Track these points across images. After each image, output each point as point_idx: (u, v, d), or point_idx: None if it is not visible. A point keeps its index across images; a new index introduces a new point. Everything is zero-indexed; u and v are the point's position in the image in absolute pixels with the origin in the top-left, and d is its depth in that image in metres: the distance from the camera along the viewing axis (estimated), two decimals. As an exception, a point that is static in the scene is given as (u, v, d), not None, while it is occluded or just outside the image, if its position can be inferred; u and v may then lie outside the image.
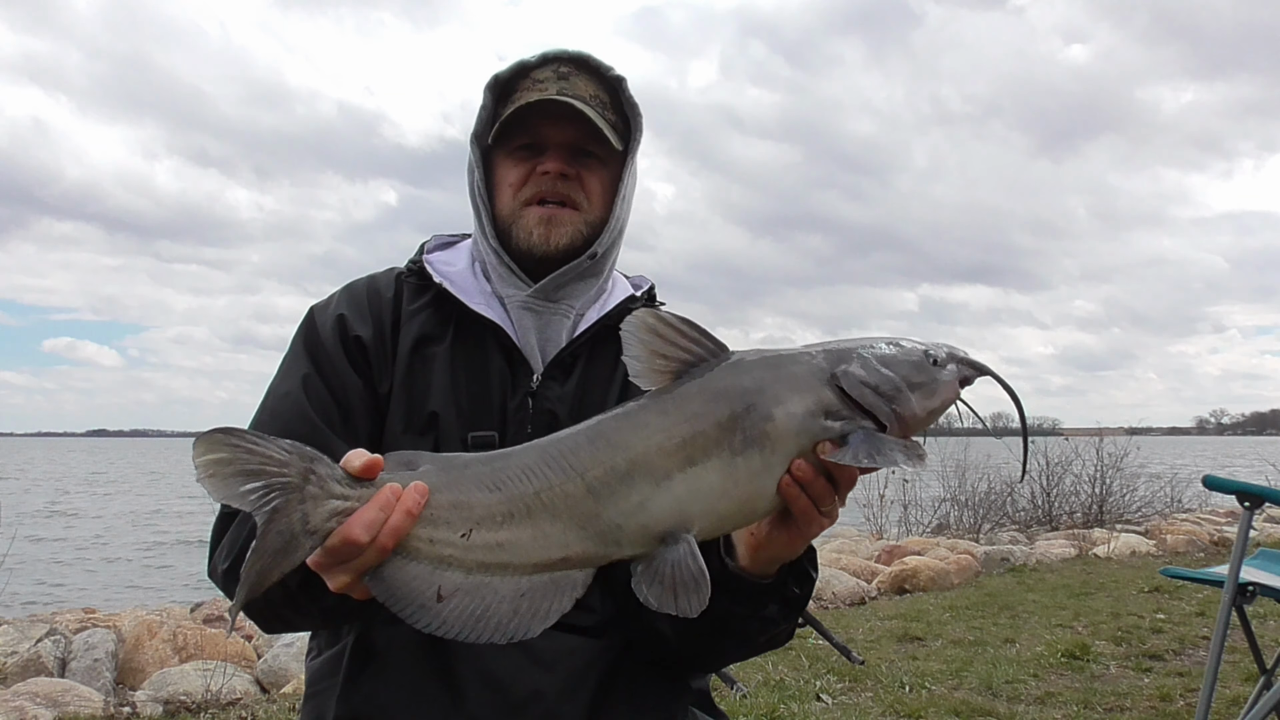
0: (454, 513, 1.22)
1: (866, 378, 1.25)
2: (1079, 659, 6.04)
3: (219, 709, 5.06)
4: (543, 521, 1.21)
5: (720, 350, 1.27)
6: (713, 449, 1.21)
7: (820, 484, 1.24)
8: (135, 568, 15.54)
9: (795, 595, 1.48)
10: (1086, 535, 11.66)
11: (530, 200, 1.63)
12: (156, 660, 5.60)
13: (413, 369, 1.59)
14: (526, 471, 1.23)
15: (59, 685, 5.01)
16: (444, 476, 1.24)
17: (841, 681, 5.51)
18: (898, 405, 1.25)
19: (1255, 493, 3.95)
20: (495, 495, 1.22)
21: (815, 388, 1.24)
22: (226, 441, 1.15)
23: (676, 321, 1.24)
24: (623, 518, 1.21)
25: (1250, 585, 3.97)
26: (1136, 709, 5.08)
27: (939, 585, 8.72)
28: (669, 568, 1.19)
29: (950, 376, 1.29)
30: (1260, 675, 4.29)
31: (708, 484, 1.21)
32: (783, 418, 1.23)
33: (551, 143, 1.62)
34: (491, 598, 1.20)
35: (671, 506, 1.21)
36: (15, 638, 5.54)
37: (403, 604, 1.18)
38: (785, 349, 1.31)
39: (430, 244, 1.77)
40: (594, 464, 1.22)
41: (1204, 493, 13.40)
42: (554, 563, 1.22)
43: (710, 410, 1.22)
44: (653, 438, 1.22)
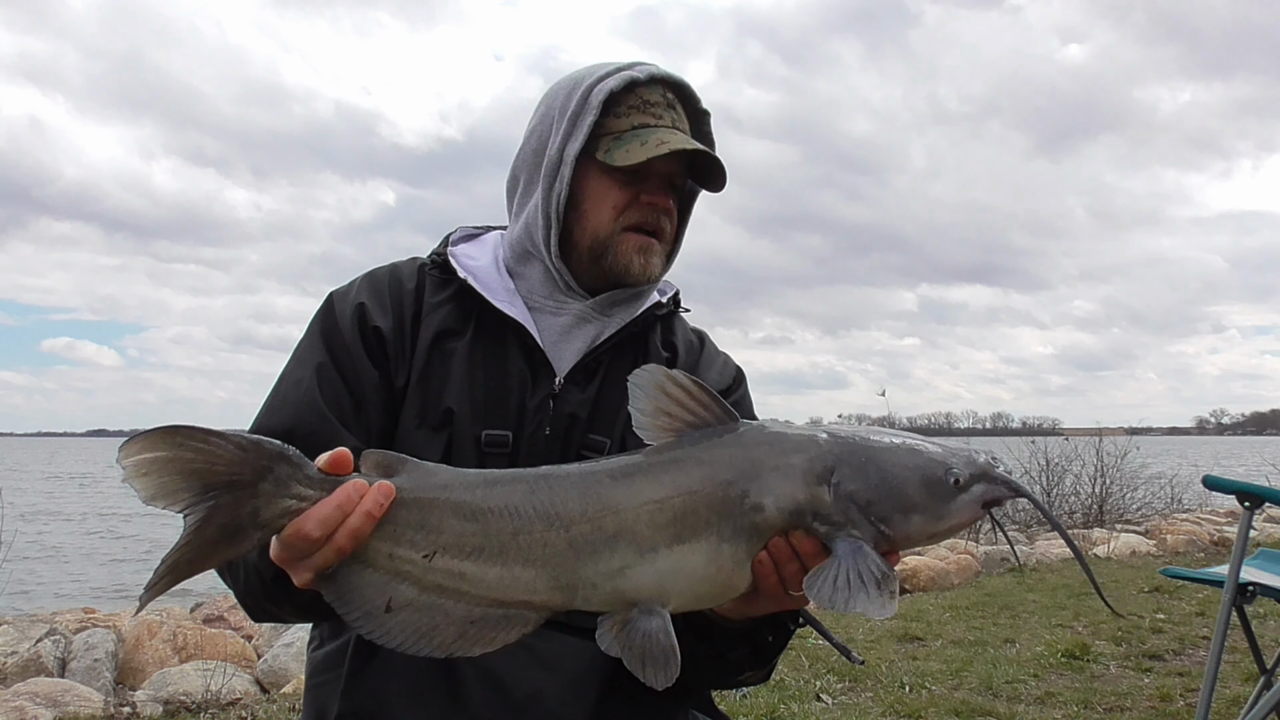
0: (420, 534, 1.19)
1: (860, 491, 1.19)
2: (1079, 659, 6.04)
3: (219, 709, 5.06)
4: (514, 564, 1.19)
5: (728, 418, 1.25)
6: (702, 531, 1.19)
7: (793, 568, 1.21)
8: (135, 567, 15.54)
9: (767, 644, 1.46)
10: (1086, 535, 11.66)
11: (630, 226, 1.62)
12: (156, 660, 5.60)
13: (431, 363, 1.57)
14: (510, 510, 1.20)
15: (59, 685, 5.01)
16: (418, 493, 1.21)
17: (841, 681, 5.51)
18: (890, 527, 1.20)
19: (1255, 493, 3.95)
20: (469, 526, 1.20)
21: (809, 485, 1.20)
22: (169, 440, 1.11)
23: (687, 383, 1.23)
24: (600, 579, 1.20)
25: (1250, 585, 3.97)
26: (1136, 709, 5.08)
27: (939, 585, 8.72)
28: (640, 637, 1.18)
29: (970, 501, 1.21)
30: (1260, 675, 4.29)
31: (691, 565, 1.20)
32: (772, 511, 1.20)
33: (658, 173, 1.62)
34: (441, 619, 1.19)
35: (652, 580, 1.20)
36: (15, 638, 5.54)
37: (349, 609, 1.18)
38: (793, 430, 1.26)
39: (455, 235, 1.75)
40: (581, 520, 1.20)
41: (1204, 493, 13.39)
42: (515, 603, 1.21)
43: (705, 489, 1.20)
44: (644, 507, 1.19)
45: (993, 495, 1.22)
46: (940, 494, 1.20)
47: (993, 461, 1.24)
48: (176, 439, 1.11)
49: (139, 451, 1.10)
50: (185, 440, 1.11)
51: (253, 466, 1.15)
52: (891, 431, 1.28)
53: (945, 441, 1.28)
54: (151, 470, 1.11)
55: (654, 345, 1.70)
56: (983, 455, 1.24)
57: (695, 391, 1.23)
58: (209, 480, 1.13)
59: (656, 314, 1.70)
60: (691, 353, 1.74)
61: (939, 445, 1.26)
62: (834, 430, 1.26)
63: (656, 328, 1.72)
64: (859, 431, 1.26)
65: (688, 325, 1.80)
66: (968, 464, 1.22)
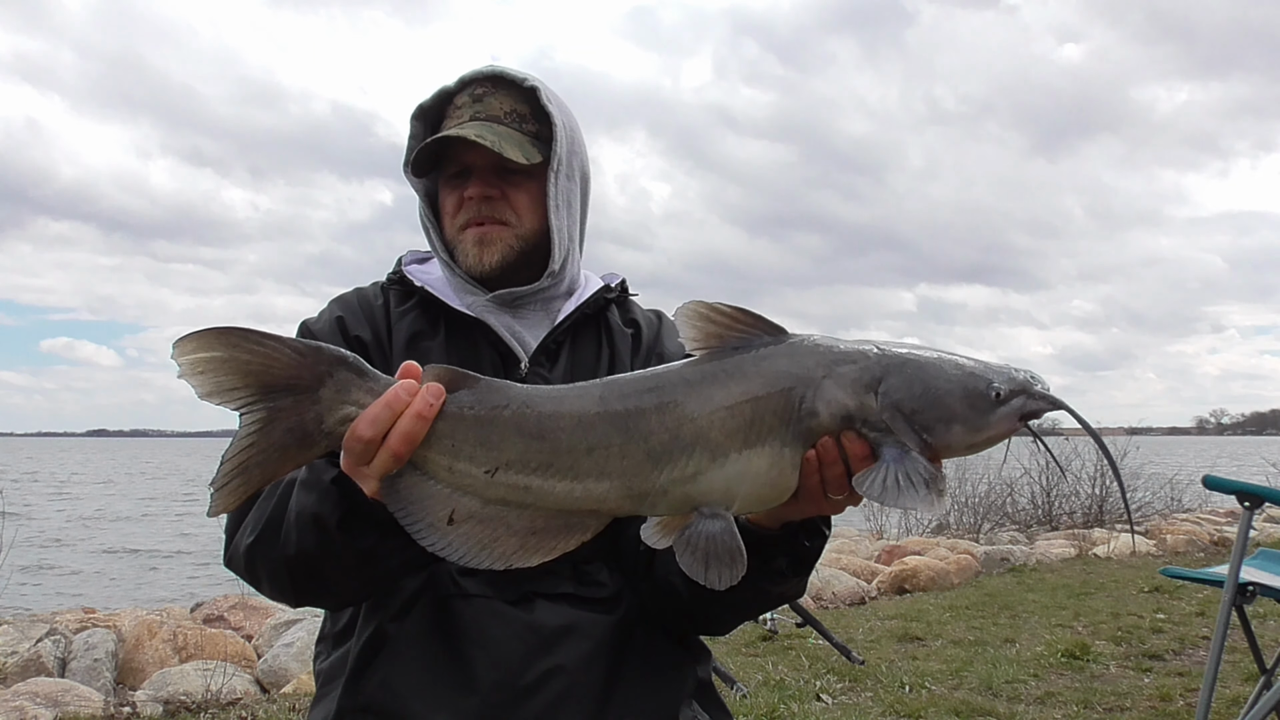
0: (481, 450, 1.21)
1: (906, 401, 1.24)
2: (1079, 659, 6.04)
3: (219, 709, 5.06)
4: (587, 478, 1.21)
5: (778, 331, 1.27)
6: (767, 435, 1.22)
7: (837, 471, 1.24)
8: (134, 567, 15.55)
9: (805, 549, 1.48)
10: (1086, 535, 11.67)
11: (465, 225, 1.70)
12: (156, 660, 5.60)
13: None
14: (582, 425, 1.22)
15: (59, 685, 5.01)
16: (479, 410, 1.22)
17: (841, 681, 5.51)
18: (933, 436, 1.24)
19: (1255, 493, 3.95)
20: (534, 444, 1.21)
21: (859, 393, 1.23)
22: (224, 340, 1.14)
23: (730, 309, 1.26)
24: (672, 485, 1.22)
25: (1250, 585, 3.97)
26: (1136, 709, 5.08)
27: (939, 585, 8.72)
28: (704, 539, 1.21)
29: (1009, 413, 1.25)
30: (1260, 675, 4.29)
31: (756, 468, 1.22)
32: (825, 417, 1.23)
33: (475, 167, 1.69)
34: (502, 530, 1.21)
35: (721, 484, 1.22)
36: (15, 638, 5.54)
37: (412, 520, 1.20)
38: (843, 342, 1.29)
39: (407, 257, 1.85)
40: (660, 429, 1.21)
41: (1204, 493, 13.39)
42: (581, 511, 1.23)
43: (770, 394, 1.22)
44: (717, 413, 1.22)
45: (1031, 408, 1.26)
46: (981, 406, 1.24)
47: (1032, 378, 1.28)
48: (232, 339, 1.14)
49: (194, 350, 1.13)
50: (240, 341, 1.14)
51: (312, 371, 1.18)
52: (937, 349, 1.32)
53: (987, 359, 1.32)
54: (207, 369, 1.14)
55: (614, 322, 1.78)
56: (1023, 372, 1.28)
57: (740, 314, 1.26)
58: (266, 381, 1.16)
59: (606, 297, 1.78)
60: (651, 327, 1.81)
61: (981, 361, 1.30)
62: (882, 344, 1.29)
63: (612, 308, 1.79)
64: (906, 345, 1.30)
65: (642, 308, 1.87)
66: (1008, 379, 1.26)
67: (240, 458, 1.17)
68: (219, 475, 1.17)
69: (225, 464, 1.17)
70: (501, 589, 1.55)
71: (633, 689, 1.55)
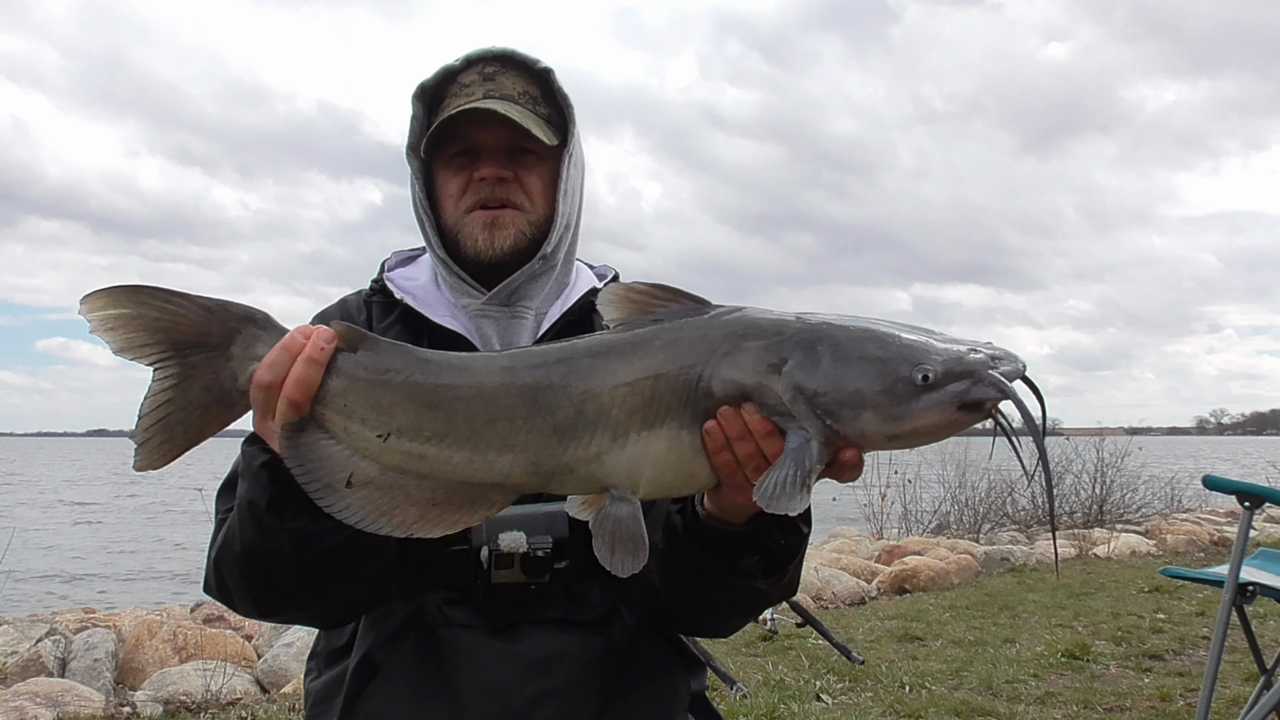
0: (372, 413, 1.17)
1: (809, 382, 1.12)
2: (1079, 659, 6.04)
3: (219, 709, 5.06)
4: (488, 450, 1.17)
5: (700, 304, 1.21)
6: (666, 416, 1.17)
7: (749, 448, 1.16)
8: (135, 567, 15.54)
9: (779, 547, 1.40)
10: (1086, 535, 11.67)
11: (472, 207, 1.62)
12: (156, 660, 5.60)
13: None
14: (483, 395, 1.17)
15: (59, 685, 5.01)
16: (371, 373, 1.19)
17: (841, 681, 5.51)
18: (839, 423, 1.12)
19: (1255, 493, 3.95)
20: (429, 412, 1.17)
21: (760, 372, 1.15)
22: (133, 297, 1.15)
23: (647, 286, 1.21)
24: (578, 464, 1.18)
25: (1250, 585, 3.97)
26: (1136, 709, 5.08)
27: (939, 585, 8.72)
28: (611, 523, 1.17)
29: (940, 401, 1.11)
30: (1260, 675, 4.29)
31: (655, 451, 1.17)
32: (721, 397, 1.16)
33: (485, 148, 1.61)
34: (401, 498, 1.18)
35: (624, 466, 1.18)
36: (15, 638, 5.54)
37: (310, 479, 1.17)
38: (763, 315, 1.19)
39: (391, 261, 1.77)
40: (566, 404, 1.17)
41: (1204, 493, 13.40)
42: (483, 485, 1.19)
43: (669, 371, 1.16)
44: (619, 390, 1.16)
45: (974, 397, 1.10)
46: (899, 391, 1.10)
47: (993, 361, 1.12)
48: (140, 296, 1.15)
49: (103, 307, 1.15)
50: (148, 298, 1.16)
51: (221, 327, 1.19)
52: (879, 320, 1.19)
53: (955, 335, 1.18)
54: (117, 325, 1.16)
55: (600, 326, 1.70)
56: (982, 353, 1.13)
57: (658, 290, 1.20)
58: (176, 338, 1.17)
59: (592, 300, 1.62)
60: None
61: (923, 339, 1.15)
62: (810, 316, 1.19)
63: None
64: (835, 318, 1.18)
65: None
66: (947, 360, 1.11)
67: (159, 413, 1.18)
68: (138, 429, 1.17)
69: (142, 419, 1.17)
70: (489, 617, 1.51)
71: (626, 707, 1.52)
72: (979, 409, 1.11)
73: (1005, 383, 1.10)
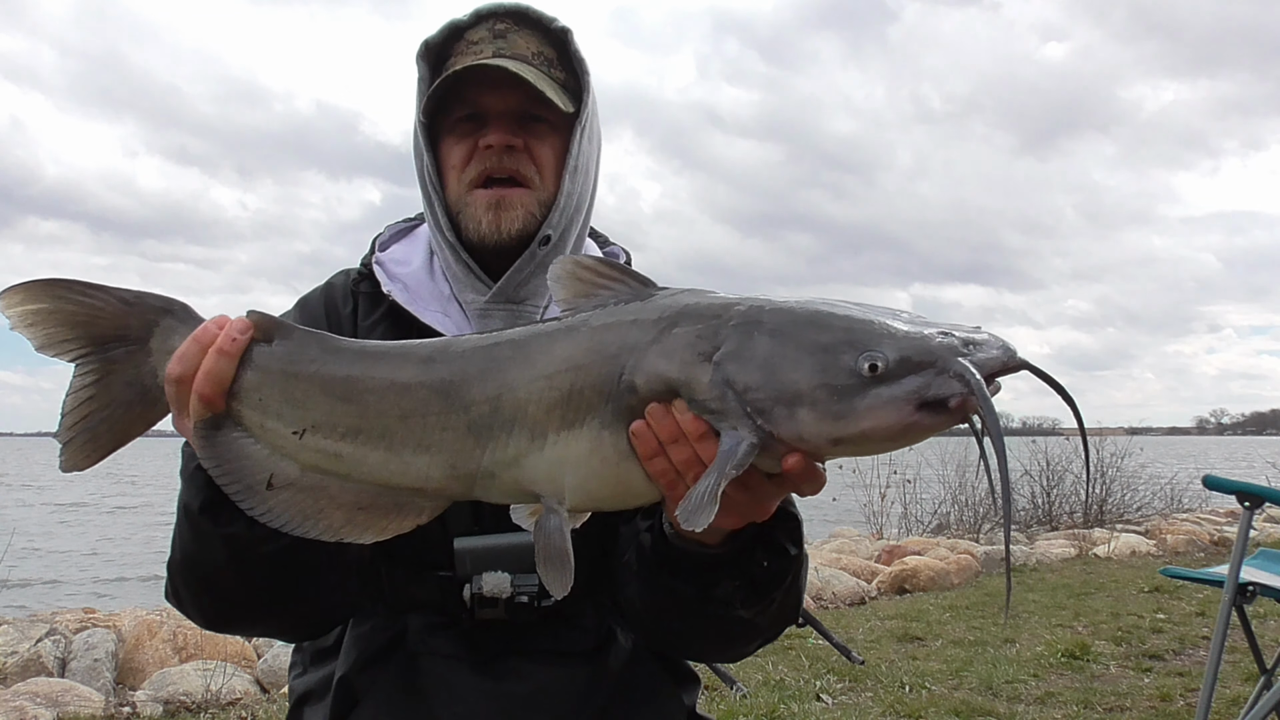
0: (287, 408, 1.10)
1: (738, 374, 0.97)
2: (1079, 659, 6.04)
3: (219, 709, 5.06)
4: (403, 449, 1.09)
5: (645, 284, 1.09)
6: (586, 414, 1.04)
7: (684, 454, 1.01)
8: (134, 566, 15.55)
9: (762, 571, 1.24)
10: (1086, 535, 11.67)
11: (476, 181, 1.44)
12: (156, 660, 5.60)
13: None
14: (396, 389, 1.09)
15: (59, 685, 5.01)
16: (285, 364, 1.11)
17: (841, 681, 5.51)
18: (770, 423, 0.96)
19: (1255, 493, 3.96)
20: (341, 406, 1.09)
21: (690, 363, 1.00)
22: (50, 292, 1.12)
23: (595, 262, 1.09)
24: (498, 468, 1.07)
25: (1250, 585, 3.97)
26: (1136, 709, 5.08)
27: (939, 585, 8.72)
28: (540, 537, 1.07)
29: (894, 398, 0.92)
30: (1260, 675, 4.29)
31: (576, 455, 1.05)
32: (645, 392, 1.02)
33: (493, 112, 1.43)
34: (326, 502, 1.10)
35: (545, 472, 1.06)
36: (15, 638, 5.54)
37: (229, 480, 1.10)
38: (706, 297, 1.05)
39: (384, 236, 1.59)
40: (482, 400, 1.06)
41: (1204, 493, 13.40)
42: (405, 490, 1.11)
43: (592, 362, 1.04)
44: (536, 384, 1.05)
45: (935, 393, 0.91)
46: (840, 385, 0.93)
47: (964, 346, 0.93)
48: (57, 290, 1.12)
49: (21, 303, 1.12)
50: (65, 292, 1.12)
51: (139, 319, 1.14)
52: (831, 301, 1.03)
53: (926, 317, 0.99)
54: (36, 321, 1.12)
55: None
56: (950, 335, 0.94)
57: (607, 268, 1.09)
58: (95, 333, 1.13)
59: None
60: None
61: (883, 319, 0.97)
62: (756, 299, 1.03)
63: None
64: (791, 300, 1.03)
65: None
66: (905, 347, 0.93)
67: (81, 411, 1.14)
68: (61, 428, 1.13)
69: (65, 418, 1.13)
70: (474, 647, 1.41)
71: None
72: (943, 409, 0.92)
73: (974, 375, 0.90)
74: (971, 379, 0.90)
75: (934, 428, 0.94)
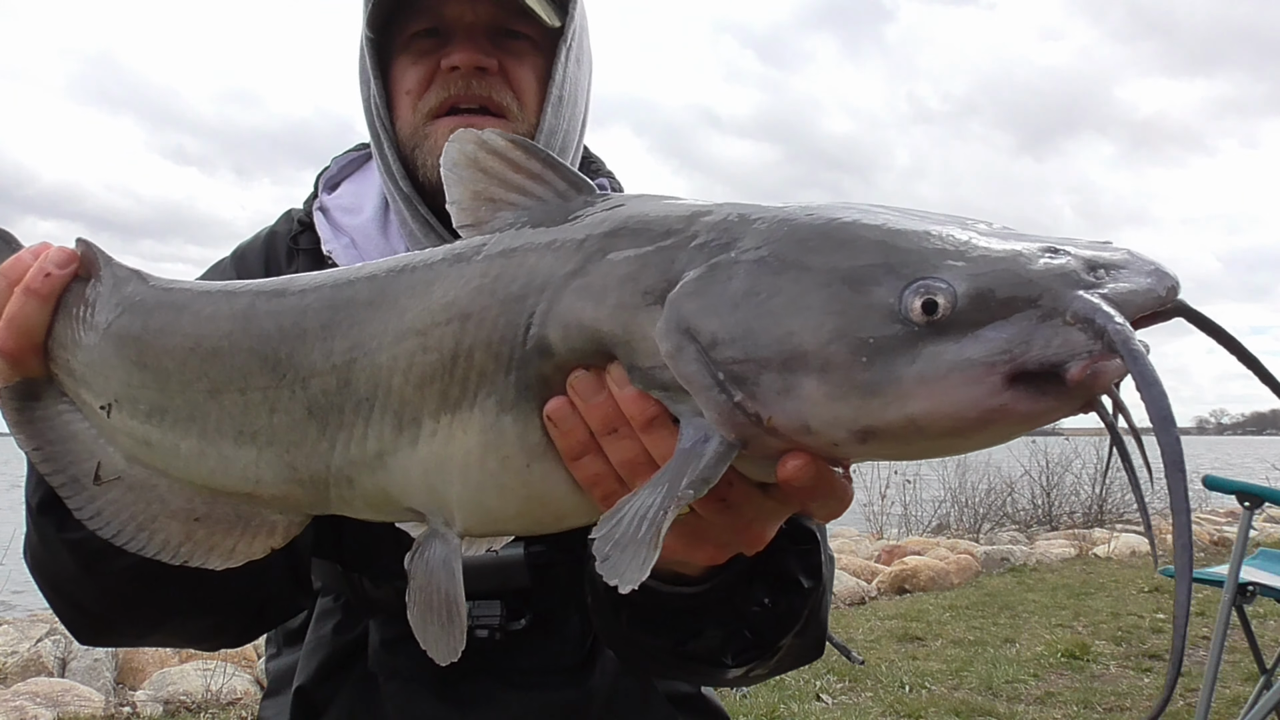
0: (91, 374, 0.84)
1: (704, 321, 0.61)
2: (1079, 659, 6.04)
3: (219, 709, 5.06)
4: (220, 440, 0.79)
5: (574, 190, 0.74)
6: (477, 390, 0.70)
7: (631, 449, 0.68)
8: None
9: (759, 614, 0.94)
10: (1086, 535, 11.67)
11: (437, 111, 1.16)
12: (156, 660, 5.60)
13: None
14: (202, 351, 0.79)
15: (59, 685, 5.01)
16: (87, 310, 0.85)
17: (841, 681, 5.51)
18: (757, 401, 0.61)
19: (1255, 493, 3.96)
20: (138, 373, 0.82)
21: (626, 309, 0.65)
22: None
23: (506, 146, 0.75)
24: (354, 470, 0.76)
25: (1250, 585, 3.98)
26: (1136, 709, 5.09)
27: (939, 585, 8.72)
28: (419, 575, 0.76)
29: (968, 359, 0.56)
30: (1260, 675, 4.29)
31: (462, 451, 0.71)
32: (564, 352, 0.68)
33: (459, 25, 1.14)
34: (158, 507, 0.84)
35: (420, 477, 0.74)
36: (15, 638, 5.54)
37: (52, 470, 0.85)
38: (659, 205, 0.70)
39: (331, 172, 1.30)
40: (325, 367, 0.74)
41: (1204, 493, 13.39)
42: (235, 495, 0.83)
43: (483, 308, 0.70)
44: (404, 344, 0.72)
45: (1041, 354, 0.55)
46: (873, 338, 0.57)
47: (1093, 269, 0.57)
48: None
49: None
50: None
51: None
52: (857, 205, 0.66)
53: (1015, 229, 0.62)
54: None
55: None
56: (1063, 255, 0.57)
57: (527, 157, 0.75)
58: None
59: None
60: None
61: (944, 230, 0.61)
62: (734, 206, 0.68)
63: None
64: (772, 208, 0.67)
65: None
66: (983, 272, 0.57)
67: None
68: None
69: None
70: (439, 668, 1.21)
71: None
72: (1054, 384, 0.56)
73: (1114, 320, 0.53)
74: (1111, 326, 0.53)
75: (1034, 418, 0.57)
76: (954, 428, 0.58)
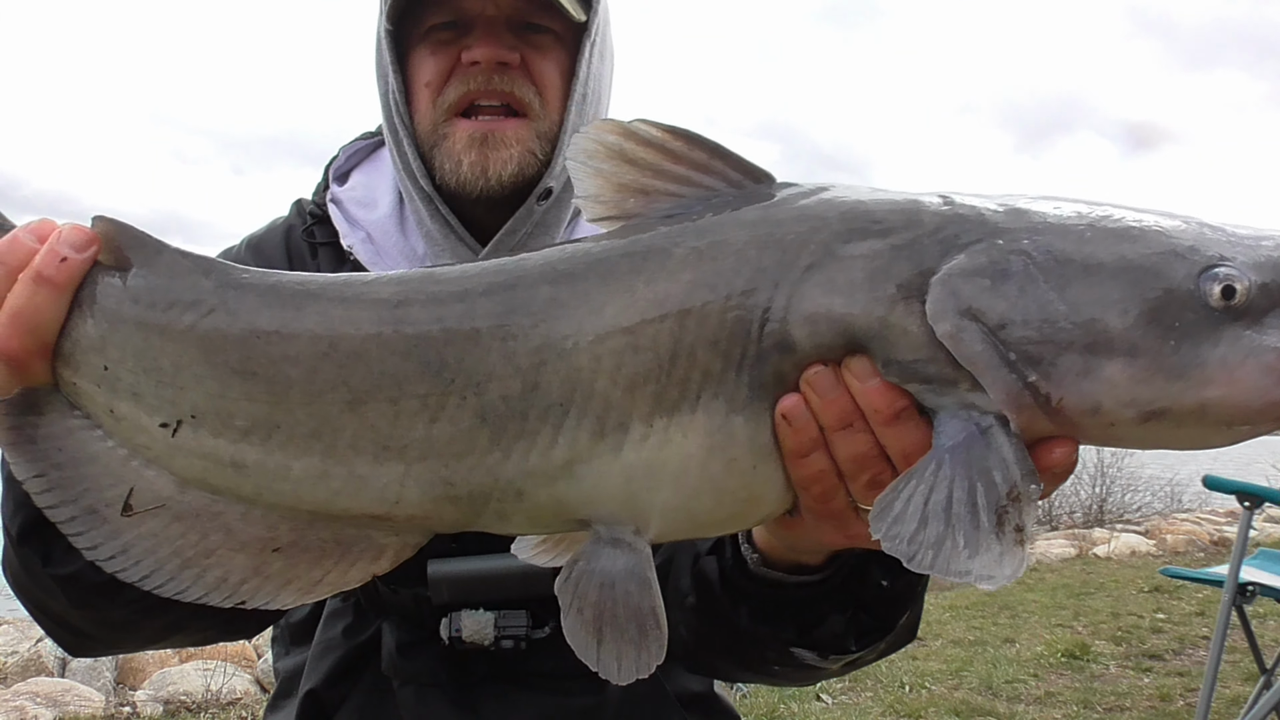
0: (150, 382, 0.69)
1: (988, 303, 0.61)
2: (1079, 659, 6.04)
3: (219, 709, 5.06)
4: (357, 456, 0.69)
5: (749, 178, 0.71)
6: (702, 391, 0.67)
7: (858, 446, 0.67)
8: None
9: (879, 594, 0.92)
10: (1086, 535, 11.67)
11: (457, 108, 1.12)
12: (157, 660, 5.60)
13: None
14: (341, 355, 0.68)
15: (59, 685, 5.01)
16: (145, 306, 0.70)
17: (841, 681, 5.51)
18: (1051, 383, 0.60)
19: (1255, 493, 3.96)
20: (241, 383, 0.68)
21: (887, 299, 0.64)
22: None
23: (664, 137, 0.69)
24: (529, 481, 0.69)
25: (1250, 585, 3.98)
26: (1136, 709, 5.09)
27: (938, 585, 8.72)
28: (595, 589, 0.69)
29: (1266, 348, 0.58)
30: (1260, 675, 4.30)
31: (682, 456, 0.67)
32: (810, 348, 0.66)
33: (481, 17, 1.10)
34: (218, 539, 0.71)
35: (620, 484, 0.69)
36: (15, 638, 5.54)
37: (58, 497, 0.70)
38: (874, 196, 0.68)
39: (339, 162, 1.25)
40: (505, 370, 0.67)
41: (1204, 493, 13.38)
42: (358, 519, 0.72)
43: (707, 303, 0.66)
44: (608, 343, 0.67)
45: None
46: (1178, 321, 0.58)
47: None
48: None
49: None
50: None
51: None
52: (1068, 199, 0.67)
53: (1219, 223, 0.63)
54: None
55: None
56: None
57: (682, 148, 0.70)
58: None
59: None
60: None
61: (1182, 222, 0.63)
62: (957, 197, 0.67)
63: None
64: (1003, 199, 0.67)
65: None
66: (1263, 261, 0.59)
67: None
68: None
69: None
70: (456, 670, 1.18)
71: None
72: None
73: None
74: None
75: None
76: (1243, 413, 0.60)
